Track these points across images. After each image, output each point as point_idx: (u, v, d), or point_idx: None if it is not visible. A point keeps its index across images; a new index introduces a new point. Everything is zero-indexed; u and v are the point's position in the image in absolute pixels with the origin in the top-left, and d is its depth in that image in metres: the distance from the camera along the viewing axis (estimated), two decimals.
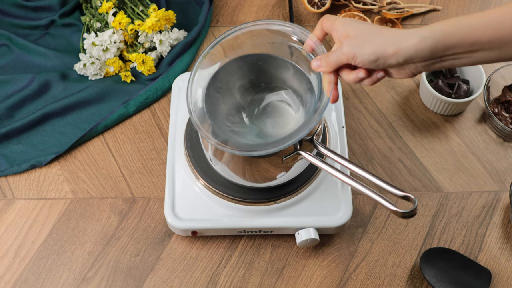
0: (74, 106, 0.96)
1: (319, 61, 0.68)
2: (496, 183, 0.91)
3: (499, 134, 0.94)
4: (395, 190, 0.66)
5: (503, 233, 0.87)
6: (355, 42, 0.63)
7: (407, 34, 0.61)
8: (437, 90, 0.94)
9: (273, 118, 0.80)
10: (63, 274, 0.84)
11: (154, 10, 0.99)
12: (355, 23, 0.65)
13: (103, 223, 0.87)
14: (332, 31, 0.68)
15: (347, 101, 0.98)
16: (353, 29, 0.64)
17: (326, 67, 0.67)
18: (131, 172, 0.92)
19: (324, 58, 0.67)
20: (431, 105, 0.96)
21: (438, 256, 0.82)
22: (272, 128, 0.79)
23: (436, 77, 0.98)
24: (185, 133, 0.87)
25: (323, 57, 0.68)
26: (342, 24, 0.66)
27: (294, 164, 0.77)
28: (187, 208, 0.83)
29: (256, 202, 0.82)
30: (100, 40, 0.97)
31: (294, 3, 1.10)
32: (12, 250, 0.85)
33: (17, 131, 0.94)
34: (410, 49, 0.61)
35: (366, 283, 0.83)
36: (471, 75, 0.96)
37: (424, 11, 1.08)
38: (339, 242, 0.86)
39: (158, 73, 1.00)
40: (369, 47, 0.62)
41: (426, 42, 0.60)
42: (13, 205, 0.89)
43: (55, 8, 1.07)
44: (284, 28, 0.76)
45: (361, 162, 0.92)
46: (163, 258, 0.85)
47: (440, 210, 0.88)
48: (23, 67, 1.02)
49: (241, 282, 0.83)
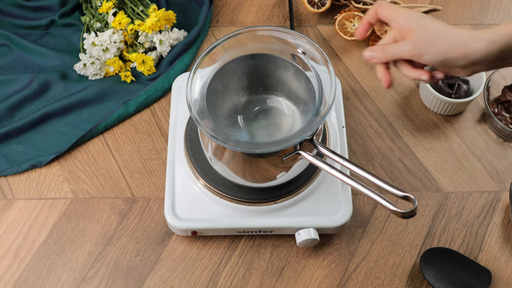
0: (74, 106, 0.96)
1: (373, 52, 0.67)
2: (496, 183, 0.91)
3: (499, 134, 0.94)
4: (395, 190, 0.66)
5: (503, 233, 0.87)
6: (423, 41, 0.62)
7: (475, 36, 0.61)
8: (437, 90, 0.94)
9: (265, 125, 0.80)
10: (63, 274, 0.84)
11: (154, 10, 0.99)
12: (420, 18, 0.64)
13: (103, 223, 0.87)
14: (392, 21, 0.66)
15: (347, 101, 0.98)
16: (418, 25, 0.63)
17: (380, 59, 0.66)
18: (131, 172, 0.92)
19: (380, 50, 0.66)
20: (431, 105, 0.96)
21: (438, 256, 0.82)
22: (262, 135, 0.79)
23: None
24: (185, 133, 0.87)
25: (378, 48, 0.67)
26: (406, 19, 0.64)
27: (294, 164, 0.77)
28: (187, 208, 0.83)
29: (256, 202, 0.82)
30: (100, 40, 0.97)
31: (294, 3, 1.10)
32: (12, 250, 0.85)
33: (17, 131, 0.94)
34: (478, 53, 0.60)
35: (366, 283, 0.83)
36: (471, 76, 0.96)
37: (424, 11, 1.08)
38: (339, 242, 0.86)
39: (158, 73, 1.00)
40: (437, 48, 0.62)
41: (494, 46, 0.60)
42: (13, 205, 0.89)
43: (55, 8, 1.07)
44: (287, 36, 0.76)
45: (361, 162, 0.92)
46: (163, 258, 0.85)
47: (440, 210, 0.88)
48: (23, 67, 1.02)
49: (241, 282, 0.83)
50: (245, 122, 0.80)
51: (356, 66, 1.02)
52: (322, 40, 1.05)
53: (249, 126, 0.80)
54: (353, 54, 1.03)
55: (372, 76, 1.01)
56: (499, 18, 1.08)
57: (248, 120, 0.80)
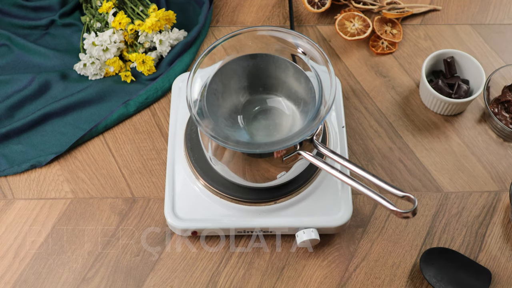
0: (74, 106, 0.96)
1: None
2: (496, 183, 0.91)
3: (499, 134, 0.94)
4: (395, 190, 0.66)
5: (503, 233, 0.87)
6: None
7: None
8: (437, 90, 0.95)
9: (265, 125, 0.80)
10: (63, 274, 0.84)
11: (154, 10, 0.99)
12: None
13: (103, 223, 0.87)
14: None
15: (347, 101, 0.98)
16: None
17: None
18: (131, 172, 0.92)
19: None
20: (431, 105, 0.96)
21: (438, 256, 0.82)
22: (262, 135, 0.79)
23: (436, 77, 0.98)
24: (185, 133, 0.87)
25: None
26: None
27: (294, 164, 0.77)
28: (187, 208, 0.83)
29: (256, 202, 0.82)
30: (100, 40, 0.97)
31: (294, 3, 1.10)
32: (12, 250, 0.85)
33: (17, 131, 0.94)
34: None
35: (366, 283, 0.83)
36: (471, 75, 0.96)
37: (424, 11, 1.08)
38: (339, 242, 0.86)
39: (158, 73, 1.00)
40: None
41: None
42: (13, 205, 0.89)
43: (55, 8, 1.07)
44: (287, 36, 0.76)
45: (361, 162, 0.92)
46: (163, 258, 0.85)
47: (440, 210, 0.88)
48: (23, 67, 1.02)
49: (241, 282, 0.83)
50: (245, 122, 0.80)
51: (356, 66, 1.02)
52: (322, 40, 1.05)
53: (249, 126, 0.80)
54: (353, 54, 1.03)
55: (372, 76, 1.01)
56: (499, 18, 1.08)
57: (248, 120, 0.80)
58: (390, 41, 1.03)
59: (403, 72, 1.02)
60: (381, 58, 1.03)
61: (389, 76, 1.01)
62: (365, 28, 1.03)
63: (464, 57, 0.96)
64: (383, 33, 1.03)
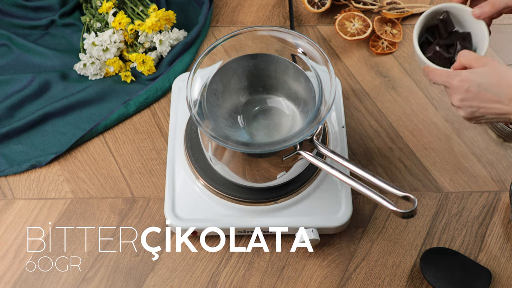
0: (74, 106, 0.96)
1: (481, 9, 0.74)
2: (496, 183, 0.91)
3: (499, 134, 0.94)
4: (395, 190, 0.66)
5: (503, 233, 0.87)
6: None
7: None
8: (435, 58, 0.78)
9: (265, 125, 0.80)
10: (63, 274, 0.84)
11: (154, 10, 0.99)
12: None
13: (103, 223, 0.87)
14: None
15: (347, 101, 0.98)
16: None
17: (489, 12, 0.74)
18: (131, 172, 0.92)
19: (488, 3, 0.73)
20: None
21: (438, 256, 0.82)
22: (262, 135, 0.79)
23: (432, 35, 0.82)
24: (185, 133, 0.87)
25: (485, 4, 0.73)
26: None
27: (294, 164, 0.77)
28: (187, 208, 0.83)
29: (256, 202, 0.82)
30: (100, 40, 0.97)
31: (294, 3, 1.10)
32: (12, 250, 0.85)
33: (17, 131, 0.94)
34: None
35: (366, 283, 0.83)
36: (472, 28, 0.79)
37: (424, 11, 1.08)
38: (339, 242, 0.86)
39: (158, 73, 1.00)
40: None
41: None
42: (13, 205, 0.89)
43: (55, 8, 1.07)
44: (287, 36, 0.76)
45: (361, 162, 0.92)
46: (163, 258, 0.85)
47: (440, 210, 0.88)
48: (23, 67, 1.02)
49: (241, 282, 0.83)
50: (245, 122, 0.80)
51: (356, 66, 1.02)
52: (322, 40, 1.05)
53: (249, 126, 0.80)
54: (353, 54, 1.03)
55: (372, 76, 1.01)
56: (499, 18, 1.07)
57: (248, 120, 0.80)
58: (390, 41, 1.03)
59: (403, 72, 1.02)
60: (381, 58, 1.03)
61: (389, 76, 1.01)
62: (365, 28, 1.03)
63: (461, 11, 0.78)
64: (383, 33, 1.03)
